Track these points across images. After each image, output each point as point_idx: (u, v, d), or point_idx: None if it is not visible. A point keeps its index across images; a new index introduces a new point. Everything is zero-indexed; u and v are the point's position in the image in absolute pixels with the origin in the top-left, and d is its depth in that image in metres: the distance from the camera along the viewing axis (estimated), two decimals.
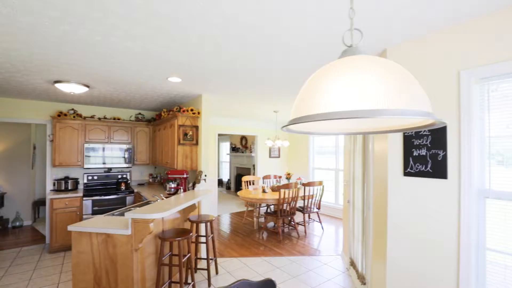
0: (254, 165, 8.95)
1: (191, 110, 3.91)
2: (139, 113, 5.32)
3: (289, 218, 5.48)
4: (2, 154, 5.50)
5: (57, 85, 3.29)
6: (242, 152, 9.86)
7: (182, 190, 3.62)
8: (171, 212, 2.42)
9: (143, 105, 4.87)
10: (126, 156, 4.91)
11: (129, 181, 5.04)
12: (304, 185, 5.11)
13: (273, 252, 4.25)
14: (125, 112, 5.31)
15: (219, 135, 8.21)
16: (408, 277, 2.04)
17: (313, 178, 7.43)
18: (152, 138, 5.26)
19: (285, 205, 4.91)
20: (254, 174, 8.72)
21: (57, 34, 1.99)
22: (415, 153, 2.00)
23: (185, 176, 3.70)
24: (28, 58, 2.50)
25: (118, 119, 4.97)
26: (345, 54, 0.72)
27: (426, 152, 1.94)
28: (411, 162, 2.02)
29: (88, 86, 3.45)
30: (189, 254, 2.76)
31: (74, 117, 4.51)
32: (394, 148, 2.13)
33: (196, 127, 4.02)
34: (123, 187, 4.84)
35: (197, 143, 4.03)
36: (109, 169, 5.10)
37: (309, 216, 5.60)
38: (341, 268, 3.69)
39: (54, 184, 4.56)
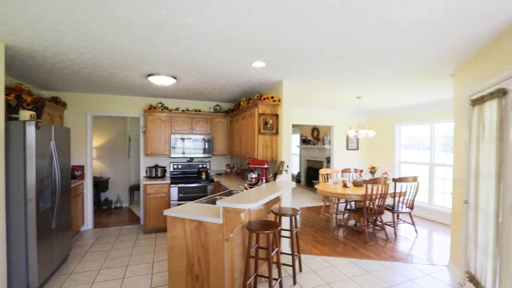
0: (327, 158, 8.43)
1: (272, 97, 3.73)
2: (217, 105, 5.44)
3: (374, 218, 4.89)
4: (105, 145, 6.36)
5: (149, 78, 3.50)
6: (314, 144, 9.40)
7: (264, 180, 3.49)
8: (262, 202, 2.27)
9: (221, 96, 4.93)
10: (206, 146, 5.08)
11: (208, 171, 5.22)
12: (395, 180, 4.45)
13: (359, 253, 3.80)
14: (205, 104, 5.50)
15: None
16: None
17: (399, 173, 6.54)
18: (229, 129, 5.32)
19: (371, 202, 4.37)
20: (328, 167, 8.20)
21: (153, 22, 2.00)
22: None
23: (266, 166, 3.56)
24: (128, 51, 2.66)
25: (199, 110, 5.16)
26: None
27: None
28: None
29: (175, 78, 3.58)
30: (277, 249, 2.59)
31: (162, 109, 4.84)
32: None
33: (276, 116, 3.83)
34: (203, 176, 5.03)
35: (277, 132, 3.84)
36: (191, 159, 5.37)
37: (397, 216, 4.90)
38: (450, 282, 3.04)
39: (146, 172, 5.01)
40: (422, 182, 5.74)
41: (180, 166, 5.22)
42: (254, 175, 3.59)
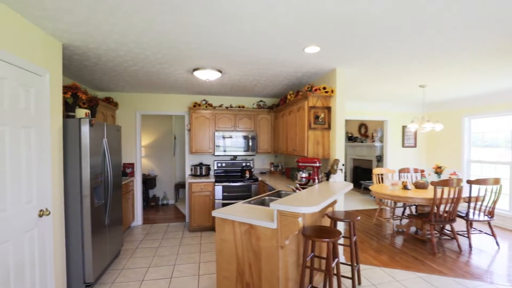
0: (378, 157, 7.73)
1: (324, 88, 3.39)
2: (260, 101, 5.23)
3: (441, 226, 4.25)
4: (153, 144, 6.57)
5: (195, 73, 3.41)
6: (361, 142, 8.71)
7: (316, 180, 3.17)
8: (323, 205, 1.98)
9: (266, 91, 4.70)
10: (250, 144, 4.91)
11: (252, 169, 5.04)
12: (470, 182, 3.79)
13: (427, 267, 3.27)
14: (248, 100, 5.33)
15: None
16: None
17: (468, 174, 5.68)
18: (274, 126, 5.07)
19: (439, 207, 3.77)
20: (378, 167, 7.52)
21: (202, 4, 1.82)
22: None
23: (317, 164, 3.24)
24: (175, 43, 2.56)
25: (243, 107, 5.01)
26: None
27: None
28: None
29: (220, 72, 3.44)
30: (337, 259, 2.27)
31: (206, 106, 4.78)
32: None
33: (329, 109, 3.48)
34: (247, 175, 4.86)
35: (329, 127, 3.49)
36: (235, 157, 5.24)
37: (471, 224, 4.19)
38: None
39: (191, 170, 5.01)
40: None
41: (223, 165, 5.13)
42: (304, 175, 3.29)
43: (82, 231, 2.56)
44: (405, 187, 4.35)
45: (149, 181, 6.25)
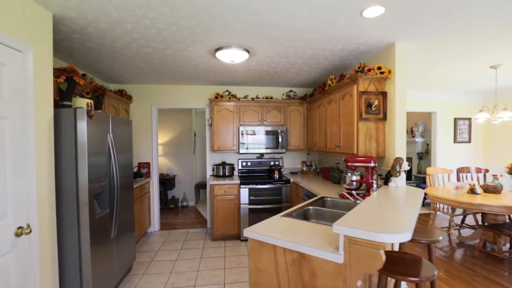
0: (419, 154, 6.79)
1: (378, 68, 2.67)
2: (290, 91, 4.56)
3: None
4: (172, 141, 6.09)
5: (218, 54, 2.81)
6: None
7: (374, 185, 2.47)
8: (413, 228, 1.30)
9: (298, 78, 4.03)
10: (279, 140, 4.25)
11: (282, 169, 4.39)
12: None
13: None
14: (276, 91, 4.68)
15: None
16: None
17: None
18: (307, 119, 4.38)
19: None
20: (420, 165, 6.59)
21: None
22: None
23: (372, 164, 2.54)
24: (193, 12, 1.96)
25: (271, 98, 4.35)
26: None
27: None
28: None
29: (248, 52, 2.81)
30: None
31: (229, 98, 4.19)
32: None
33: (384, 94, 2.75)
34: (276, 176, 4.22)
35: (384, 118, 2.76)
36: (261, 155, 4.62)
37: None
38: None
39: (213, 170, 4.45)
40: None
41: (249, 164, 4.52)
42: (355, 177, 2.60)
43: (80, 249, 2.05)
44: (472, 191, 3.52)
45: (167, 182, 5.79)
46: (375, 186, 2.46)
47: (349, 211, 1.56)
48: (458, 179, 4.37)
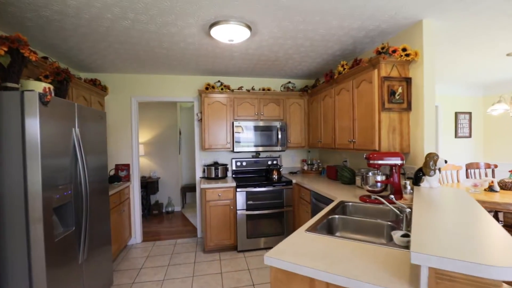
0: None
1: (403, 50, 2.29)
2: (289, 82, 4.12)
3: None
4: (154, 140, 5.49)
5: (212, 31, 2.31)
6: None
7: (408, 187, 2.07)
8: None
9: (300, 67, 3.59)
10: (279, 137, 3.80)
11: (281, 169, 3.95)
12: None
13: None
14: (273, 82, 4.23)
15: None
16: None
17: None
18: (309, 113, 3.96)
19: None
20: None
21: None
22: None
23: (400, 162, 2.15)
24: None
25: (268, 89, 3.89)
26: None
27: None
28: None
29: (250, 29, 2.34)
30: None
31: (222, 89, 3.69)
32: None
33: (407, 80, 2.37)
34: (274, 176, 3.77)
35: (409, 107, 2.38)
36: (257, 153, 4.15)
37: None
38: None
39: (204, 171, 3.93)
40: None
41: (244, 164, 4.04)
42: (379, 178, 2.19)
43: (31, 281, 1.49)
44: (491, 189, 3.24)
45: (150, 185, 5.18)
46: (408, 187, 2.06)
47: (412, 225, 1.13)
48: (467, 176, 4.12)
